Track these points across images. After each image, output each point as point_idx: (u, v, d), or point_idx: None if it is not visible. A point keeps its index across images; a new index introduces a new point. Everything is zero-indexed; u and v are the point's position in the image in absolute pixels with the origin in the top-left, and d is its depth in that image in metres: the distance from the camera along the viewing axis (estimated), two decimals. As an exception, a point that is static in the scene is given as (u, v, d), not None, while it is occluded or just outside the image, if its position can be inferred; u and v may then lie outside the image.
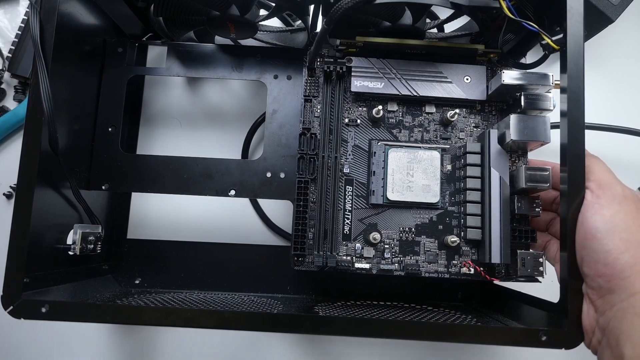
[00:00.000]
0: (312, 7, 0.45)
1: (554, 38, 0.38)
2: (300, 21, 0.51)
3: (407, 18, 0.43)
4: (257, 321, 0.35)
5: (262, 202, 0.56)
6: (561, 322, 0.35)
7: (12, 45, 0.57)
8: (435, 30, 0.49)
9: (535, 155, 0.45)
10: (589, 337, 0.34)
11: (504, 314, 0.43)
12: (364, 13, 0.43)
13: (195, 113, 0.56)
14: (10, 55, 0.56)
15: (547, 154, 0.45)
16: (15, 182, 0.37)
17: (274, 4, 0.45)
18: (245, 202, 0.56)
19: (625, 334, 0.30)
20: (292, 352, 0.54)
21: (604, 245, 0.32)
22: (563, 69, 0.37)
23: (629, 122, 0.55)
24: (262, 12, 0.48)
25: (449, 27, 0.49)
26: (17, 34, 0.57)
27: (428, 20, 0.46)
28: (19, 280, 0.36)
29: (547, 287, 0.42)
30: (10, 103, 0.57)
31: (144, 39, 0.51)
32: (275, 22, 0.52)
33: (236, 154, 0.55)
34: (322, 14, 0.44)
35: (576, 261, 0.34)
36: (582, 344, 0.34)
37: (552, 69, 0.39)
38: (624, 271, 0.31)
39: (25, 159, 0.37)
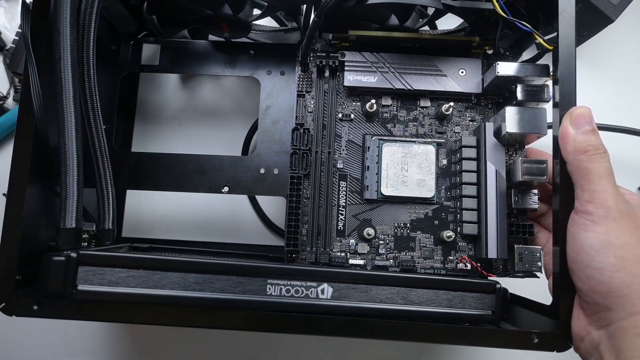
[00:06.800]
0: (304, 6, 0.45)
1: (548, 37, 0.38)
2: (294, 22, 0.51)
3: (395, 19, 0.43)
4: (248, 320, 0.35)
5: (260, 199, 0.56)
6: (554, 325, 0.34)
7: (12, 43, 0.57)
8: (427, 27, 0.48)
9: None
10: (577, 343, 0.33)
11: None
12: (350, 17, 0.43)
13: (190, 110, 0.56)
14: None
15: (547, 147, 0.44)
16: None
17: (266, 4, 0.45)
18: (243, 199, 0.56)
19: (626, 354, 0.30)
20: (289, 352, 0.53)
21: (598, 263, 0.31)
22: (555, 67, 0.36)
23: (629, 121, 0.55)
24: (256, 11, 0.48)
25: (441, 24, 0.48)
26: (17, 31, 0.58)
27: (421, 21, 0.46)
28: (11, 278, 0.36)
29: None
30: (10, 103, 0.58)
31: (139, 37, 0.51)
32: (269, 23, 0.52)
33: (232, 152, 0.55)
34: (314, 14, 0.44)
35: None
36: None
37: (550, 60, 0.38)
38: (621, 289, 0.30)
39: (17, 155, 0.37)
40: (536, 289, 0.40)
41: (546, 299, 0.37)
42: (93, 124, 0.39)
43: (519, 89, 0.40)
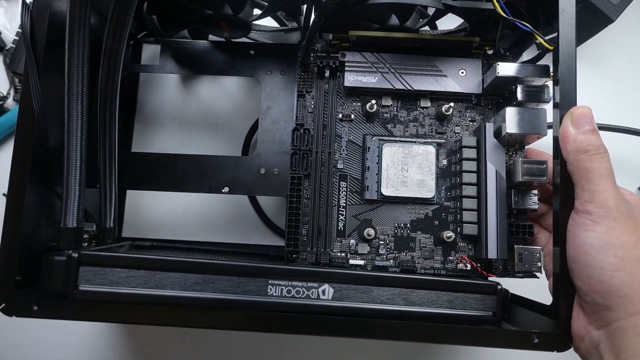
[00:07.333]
0: (304, 6, 0.45)
1: (548, 37, 0.38)
2: (294, 22, 0.51)
3: (395, 19, 0.43)
4: (249, 321, 0.35)
5: (260, 199, 0.56)
6: (554, 325, 0.35)
7: (12, 43, 0.57)
8: (427, 28, 0.48)
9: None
10: (577, 342, 0.33)
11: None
12: (350, 17, 0.43)
13: (190, 111, 0.56)
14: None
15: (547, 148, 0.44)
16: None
17: (266, 4, 0.45)
18: (243, 199, 0.56)
19: (626, 353, 0.30)
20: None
21: (598, 262, 0.31)
22: (555, 68, 0.36)
23: (629, 121, 0.55)
24: (256, 11, 0.48)
25: (442, 23, 0.48)
26: (17, 31, 0.58)
27: (421, 21, 0.46)
28: (11, 278, 0.36)
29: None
30: (10, 104, 0.57)
31: (138, 37, 0.51)
32: (270, 23, 0.52)
33: (232, 152, 0.55)
34: (314, 14, 0.44)
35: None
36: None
37: (550, 60, 0.38)
38: (621, 289, 0.31)
39: (17, 155, 0.37)
40: (536, 289, 0.40)
41: (546, 298, 0.37)
42: (108, 124, 0.39)
43: (519, 89, 0.40)
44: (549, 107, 0.39)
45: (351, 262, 0.43)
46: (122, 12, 0.37)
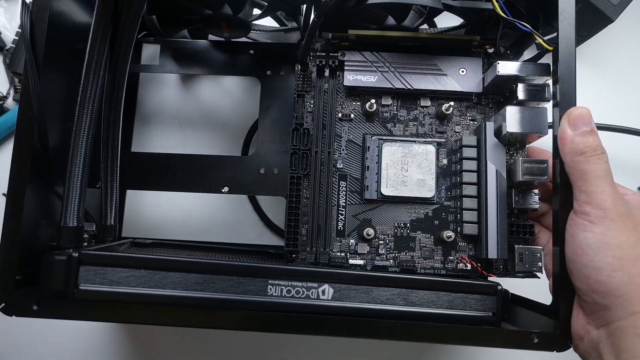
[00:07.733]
0: (304, 6, 0.45)
1: (548, 37, 0.38)
2: (294, 22, 0.51)
3: (393, 19, 0.43)
4: (249, 321, 0.35)
5: (260, 199, 0.56)
6: (554, 325, 0.35)
7: (12, 43, 0.57)
8: (426, 26, 0.48)
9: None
10: (577, 342, 0.33)
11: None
12: (349, 17, 0.43)
13: (189, 111, 0.56)
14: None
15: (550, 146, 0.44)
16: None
17: (266, 4, 0.45)
18: (243, 199, 0.56)
19: (626, 353, 0.30)
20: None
21: (596, 262, 0.31)
22: (555, 67, 0.36)
23: (629, 121, 0.55)
24: (256, 11, 0.48)
25: (443, 22, 0.48)
26: (17, 31, 0.58)
27: (420, 20, 0.46)
28: (11, 278, 0.36)
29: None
30: (10, 103, 0.58)
31: (139, 37, 0.51)
32: (269, 23, 0.52)
33: (232, 152, 0.55)
34: (314, 14, 0.44)
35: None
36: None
37: (551, 59, 0.38)
38: (619, 289, 0.31)
39: (17, 155, 0.37)
40: (537, 288, 0.40)
41: (546, 298, 0.37)
42: (112, 124, 0.40)
43: (519, 88, 0.40)
44: (549, 106, 0.39)
45: (351, 262, 0.42)
46: (132, 20, 0.37)
